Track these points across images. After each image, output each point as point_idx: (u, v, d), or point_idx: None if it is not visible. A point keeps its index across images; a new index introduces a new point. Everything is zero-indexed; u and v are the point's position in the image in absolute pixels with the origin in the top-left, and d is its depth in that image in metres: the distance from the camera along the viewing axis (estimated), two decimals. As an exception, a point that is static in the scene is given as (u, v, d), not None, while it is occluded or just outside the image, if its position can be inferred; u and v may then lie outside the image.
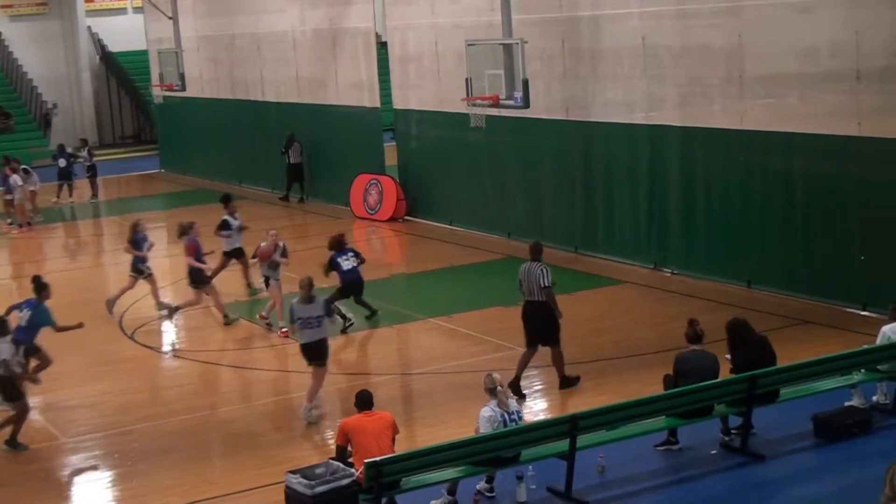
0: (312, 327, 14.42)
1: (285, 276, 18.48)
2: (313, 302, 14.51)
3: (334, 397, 15.38)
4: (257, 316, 18.71)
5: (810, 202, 17.96)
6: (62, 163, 33.53)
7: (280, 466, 12.13)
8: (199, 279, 18.93)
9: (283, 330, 17.63)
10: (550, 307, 14.68)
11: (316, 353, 14.51)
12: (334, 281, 18.23)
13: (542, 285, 14.56)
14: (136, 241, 20.22)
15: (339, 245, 18.24)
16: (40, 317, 15.43)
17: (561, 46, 21.99)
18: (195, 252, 18.99)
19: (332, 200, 29.66)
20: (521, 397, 14.43)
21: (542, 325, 14.74)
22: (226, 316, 18.89)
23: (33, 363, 15.44)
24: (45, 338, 18.04)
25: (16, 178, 29.34)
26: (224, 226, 20.48)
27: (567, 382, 14.86)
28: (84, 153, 33.99)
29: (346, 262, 18.08)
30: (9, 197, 29.32)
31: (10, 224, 29.38)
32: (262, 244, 18.51)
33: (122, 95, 48.50)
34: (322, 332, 14.53)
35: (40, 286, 15.80)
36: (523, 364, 14.82)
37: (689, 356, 12.44)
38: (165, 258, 26.47)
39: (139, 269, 20.13)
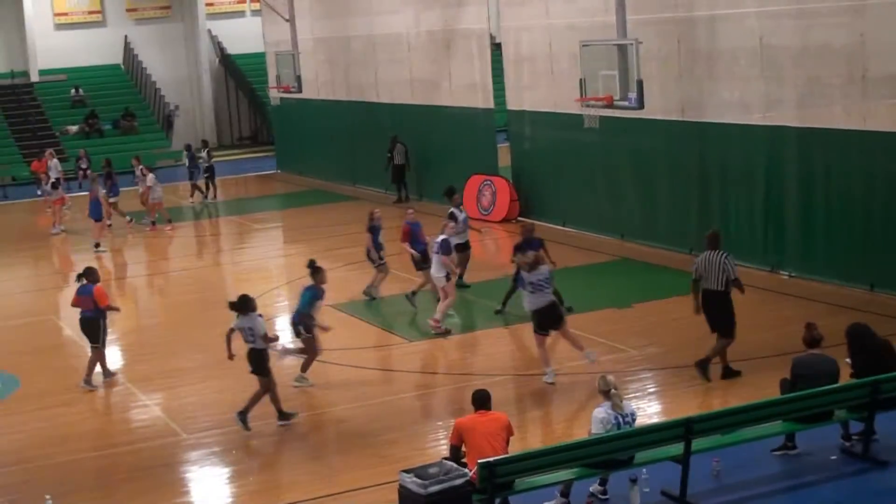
0: (543, 290, 15.20)
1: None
2: (538, 267, 15.34)
3: (448, 397, 15.47)
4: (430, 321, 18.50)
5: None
6: (187, 163, 34.41)
7: (394, 465, 12.23)
8: (418, 263, 19.35)
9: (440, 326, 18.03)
10: (729, 297, 14.93)
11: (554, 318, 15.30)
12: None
13: (733, 277, 14.83)
14: (373, 229, 20.33)
15: (529, 235, 18.09)
16: (307, 299, 16.08)
17: (676, 47, 21.79)
18: (409, 237, 19.40)
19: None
20: (737, 374, 15.00)
21: (719, 315, 14.98)
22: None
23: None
24: (167, 330, 18.48)
25: (152, 177, 30.06)
26: (451, 218, 20.46)
27: (729, 373, 15.01)
28: (203, 154, 34.67)
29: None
30: (154, 197, 29.95)
31: (154, 222, 30.04)
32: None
33: (240, 97, 49.35)
34: (551, 295, 15.34)
35: (315, 270, 16.35)
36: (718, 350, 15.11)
37: (807, 360, 12.26)
38: (283, 257, 26.95)
39: (371, 258, 20.34)
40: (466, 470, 10.76)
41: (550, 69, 25.58)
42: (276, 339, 15.16)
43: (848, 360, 12.56)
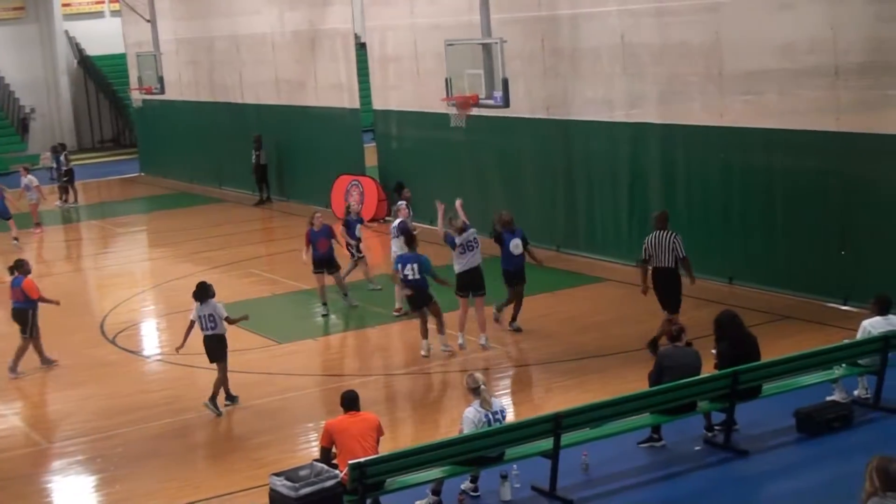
0: (473, 249, 15.97)
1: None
2: (467, 230, 16.02)
3: (318, 399, 15.37)
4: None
5: (790, 198, 18.04)
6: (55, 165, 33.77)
7: (264, 469, 12.12)
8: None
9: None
10: (678, 274, 15.47)
11: (476, 283, 15.88)
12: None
13: (681, 255, 15.36)
14: (349, 224, 20.15)
15: (509, 225, 17.79)
16: (425, 266, 16.24)
17: (540, 45, 22.02)
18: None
19: (312, 202, 29.57)
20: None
21: (668, 290, 15.45)
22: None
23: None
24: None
25: (31, 179, 29.26)
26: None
27: (654, 346, 15.21)
28: (61, 157, 33.91)
29: (516, 249, 17.34)
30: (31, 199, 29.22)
31: (38, 224, 29.32)
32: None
33: (101, 99, 48.37)
34: (479, 257, 15.78)
35: (411, 238, 16.60)
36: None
37: (672, 353, 12.47)
38: (148, 261, 26.49)
39: (350, 251, 20.14)
40: (337, 471, 10.70)
41: (416, 69, 25.61)
42: (245, 318, 15.27)
43: (713, 350, 12.83)
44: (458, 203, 17.54)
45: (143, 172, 39.52)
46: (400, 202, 19.94)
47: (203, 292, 14.85)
